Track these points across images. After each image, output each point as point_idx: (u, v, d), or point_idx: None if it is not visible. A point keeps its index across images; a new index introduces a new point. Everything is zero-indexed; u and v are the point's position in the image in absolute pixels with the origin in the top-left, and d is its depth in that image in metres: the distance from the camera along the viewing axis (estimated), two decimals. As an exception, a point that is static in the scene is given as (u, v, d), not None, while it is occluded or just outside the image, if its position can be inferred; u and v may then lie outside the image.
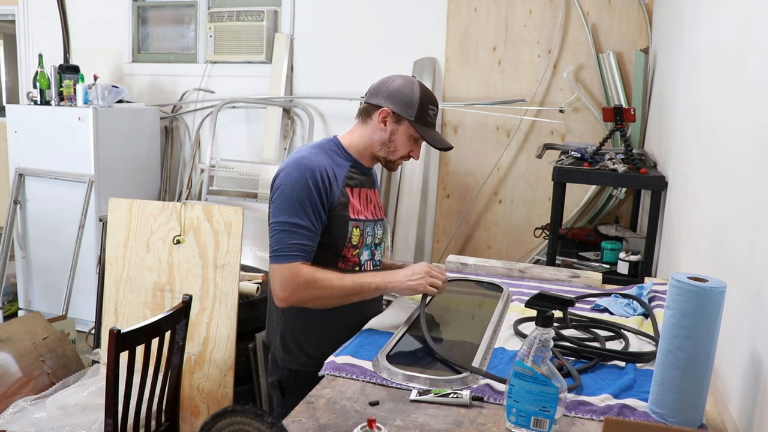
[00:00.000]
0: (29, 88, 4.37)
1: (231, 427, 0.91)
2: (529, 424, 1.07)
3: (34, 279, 4.14)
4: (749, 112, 1.29)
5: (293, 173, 1.54)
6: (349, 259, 1.64)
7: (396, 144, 1.64)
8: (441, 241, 3.97)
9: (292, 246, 1.52)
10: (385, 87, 1.63)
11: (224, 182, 4.04)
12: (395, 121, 1.62)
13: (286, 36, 4.13)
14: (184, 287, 2.50)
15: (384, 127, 1.62)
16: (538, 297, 1.40)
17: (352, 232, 1.62)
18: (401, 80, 1.63)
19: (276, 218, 1.54)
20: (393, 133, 1.63)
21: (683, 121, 2.16)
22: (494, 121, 3.77)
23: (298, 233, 1.52)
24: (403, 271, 1.60)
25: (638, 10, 3.45)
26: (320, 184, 1.54)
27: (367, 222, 1.67)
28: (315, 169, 1.55)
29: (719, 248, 1.47)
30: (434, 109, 1.64)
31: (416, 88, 1.61)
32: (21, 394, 2.55)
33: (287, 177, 1.55)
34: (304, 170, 1.54)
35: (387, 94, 1.62)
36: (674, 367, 1.09)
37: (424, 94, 1.62)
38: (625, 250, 2.61)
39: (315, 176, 1.54)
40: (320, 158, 1.59)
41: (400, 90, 1.61)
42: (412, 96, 1.60)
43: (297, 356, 1.66)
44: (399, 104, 1.60)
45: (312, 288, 1.52)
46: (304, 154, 1.59)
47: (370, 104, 1.65)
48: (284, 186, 1.54)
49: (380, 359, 1.33)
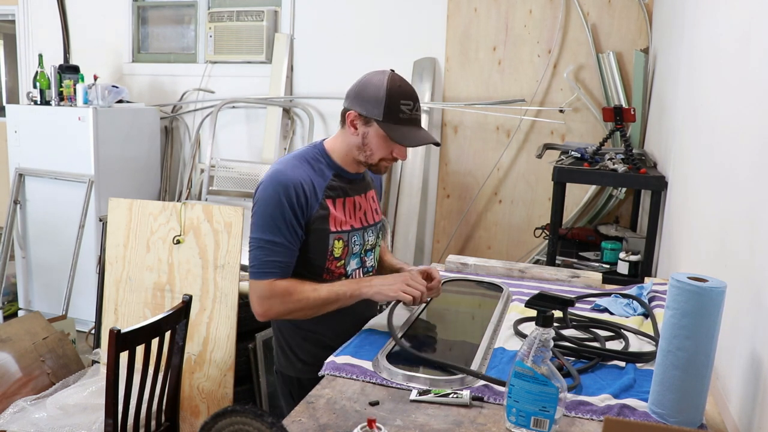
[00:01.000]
0: (29, 88, 4.37)
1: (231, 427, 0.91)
2: (529, 424, 1.07)
3: (34, 279, 4.14)
4: (749, 112, 1.29)
5: (268, 188, 1.51)
6: (333, 271, 1.60)
7: (371, 146, 1.55)
8: (441, 241, 3.97)
9: (268, 263, 1.50)
10: (356, 87, 1.55)
11: (224, 182, 4.04)
12: (364, 123, 1.53)
13: (286, 36, 4.13)
14: (184, 287, 2.50)
15: (355, 131, 1.54)
16: (538, 297, 1.40)
17: (333, 245, 1.57)
18: (370, 77, 1.53)
19: (253, 234, 1.52)
20: (365, 136, 1.54)
21: (683, 121, 2.16)
22: (494, 121, 3.77)
23: (273, 250, 1.50)
24: (379, 278, 1.56)
25: (638, 10, 3.45)
26: (294, 200, 1.50)
27: (352, 231, 1.61)
28: (290, 184, 1.50)
29: (719, 248, 1.47)
30: (409, 104, 1.51)
31: (384, 85, 1.49)
32: (21, 394, 2.55)
33: (263, 192, 1.52)
34: (278, 186, 1.50)
35: (354, 95, 1.54)
36: (674, 367, 1.09)
37: (393, 90, 1.49)
38: (625, 250, 2.61)
39: (289, 192, 1.49)
40: (297, 171, 1.53)
41: (365, 89, 1.51)
42: (377, 94, 1.49)
43: (293, 362, 1.66)
44: (364, 105, 1.51)
45: (287, 302, 1.51)
46: (282, 168, 1.54)
47: (343, 107, 1.57)
48: (260, 202, 1.52)
49: (380, 359, 1.33)
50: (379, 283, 1.54)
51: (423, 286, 1.54)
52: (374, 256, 1.73)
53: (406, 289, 1.51)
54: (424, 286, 1.54)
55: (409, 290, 1.51)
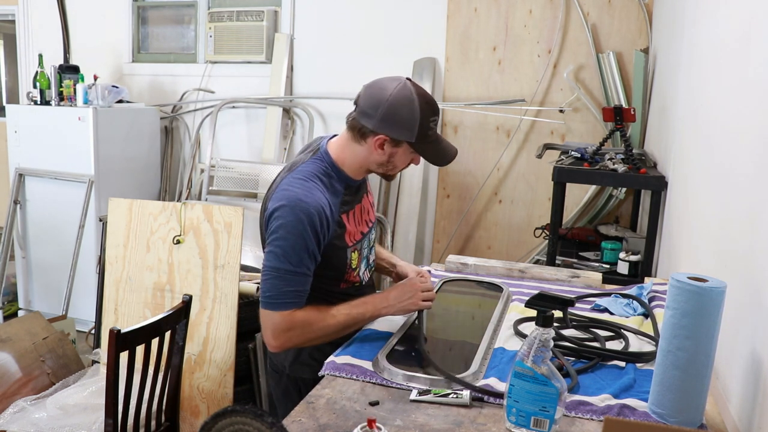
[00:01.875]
0: (29, 88, 4.37)
1: (231, 427, 0.91)
2: (529, 424, 1.07)
3: (34, 279, 4.14)
4: (749, 112, 1.29)
5: (290, 217, 1.41)
6: (350, 280, 1.60)
7: (395, 163, 1.53)
8: (441, 241, 3.97)
9: (287, 293, 1.43)
10: (379, 107, 1.43)
11: (224, 182, 4.04)
12: (394, 145, 1.47)
13: (286, 36, 4.13)
14: (184, 287, 2.50)
15: (382, 152, 1.49)
16: (538, 297, 1.40)
17: (351, 258, 1.57)
18: (396, 95, 1.43)
19: (271, 263, 1.44)
20: (392, 155, 1.50)
21: (683, 121, 2.16)
22: (494, 121, 3.77)
23: (294, 280, 1.43)
24: (394, 293, 1.52)
25: (638, 10, 3.45)
26: (318, 228, 1.43)
27: (362, 239, 1.62)
28: (313, 213, 1.42)
29: (719, 248, 1.47)
30: (435, 119, 1.48)
31: (416, 106, 1.43)
32: (21, 394, 2.55)
33: (284, 220, 1.42)
34: (302, 215, 1.41)
35: (382, 117, 1.43)
36: (674, 367, 1.09)
37: (425, 109, 1.44)
38: (625, 250, 2.61)
39: (313, 221, 1.42)
40: (317, 195, 1.45)
41: (396, 112, 1.43)
42: (411, 117, 1.43)
43: (311, 365, 1.56)
44: (397, 129, 1.44)
45: (307, 333, 1.46)
46: (299, 193, 1.43)
47: (363, 125, 1.47)
48: (281, 230, 1.42)
49: (380, 359, 1.34)
50: (397, 301, 1.51)
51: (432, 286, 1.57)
52: (373, 251, 1.74)
53: (423, 296, 1.52)
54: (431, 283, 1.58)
55: (427, 295, 1.53)
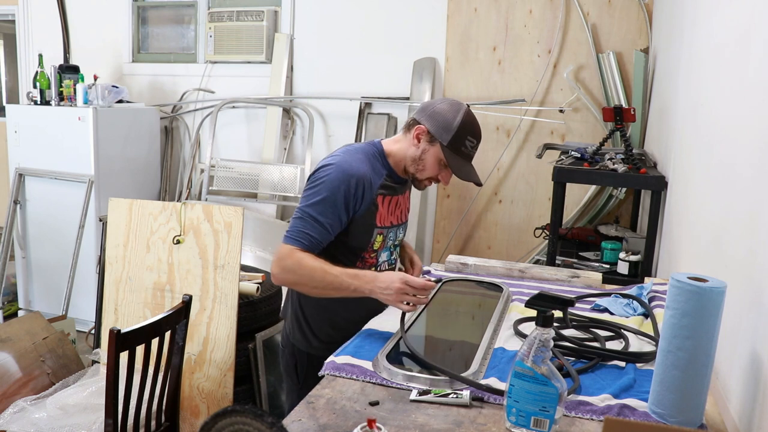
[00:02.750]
0: (29, 88, 4.37)
1: (231, 427, 0.91)
2: (529, 424, 1.07)
3: (34, 279, 4.14)
4: (749, 112, 1.29)
5: (334, 175, 1.58)
6: (367, 260, 1.70)
7: (425, 164, 1.65)
8: (441, 241, 3.97)
9: (301, 233, 1.57)
10: (432, 106, 1.64)
11: (224, 182, 4.04)
12: (429, 140, 1.63)
13: (286, 36, 4.13)
14: (184, 287, 2.50)
15: (417, 143, 1.64)
16: (538, 297, 1.40)
17: (375, 238, 1.68)
18: (449, 104, 1.64)
19: (301, 204, 1.61)
20: (424, 152, 1.64)
21: (683, 121, 2.16)
22: (494, 121, 3.77)
23: (311, 225, 1.57)
24: (382, 279, 1.53)
25: (638, 10, 3.45)
26: (353, 192, 1.59)
27: (391, 228, 1.73)
28: (354, 178, 1.58)
29: (719, 248, 1.47)
30: (473, 141, 1.63)
31: (460, 116, 1.61)
32: (21, 394, 2.55)
33: (327, 176, 1.59)
34: (345, 177, 1.58)
35: (430, 112, 1.63)
36: (674, 367, 1.09)
37: (466, 123, 1.61)
38: (625, 250, 2.61)
39: (350, 185, 1.58)
40: (363, 166, 1.62)
41: (442, 112, 1.62)
42: (452, 121, 1.60)
43: (309, 339, 1.73)
44: (436, 125, 1.61)
45: (295, 272, 1.56)
46: (349, 159, 1.62)
47: (413, 118, 1.66)
48: (321, 183, 1.59)
49: (380, 359, 1.34)
50: (380, 288, 1.52)
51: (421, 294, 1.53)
52: (398, 250, 1.83)
53: (402, 298, 1.51)
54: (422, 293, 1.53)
55: (407, 298, 1.51)
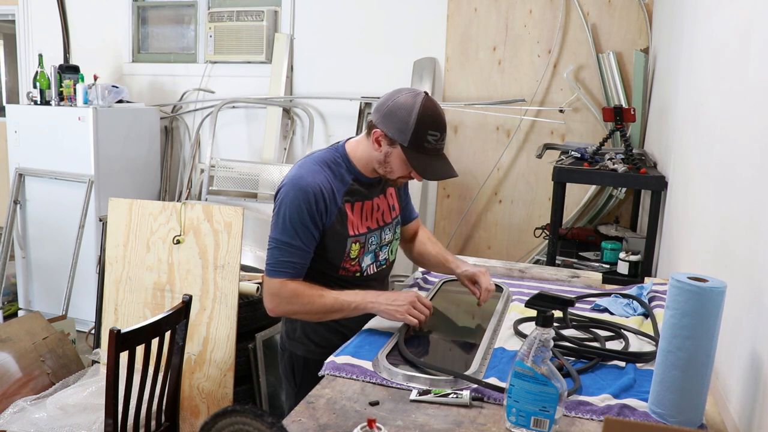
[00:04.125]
0: (29, 88, 4.37)
1: (231, 427, 0.91)
2: (529, 424, 1.07)
3: (34, 279, 4.14)
4: (749, 112, 1.29)
5: (290, 193, 1.55)
6: (348, 268, 1.66)
7: (392, 166, 1.57)
8: (441, 241, 3.96)
9: (283, 263, 1.56)
10: (386, 104, 1.53)
11: (224, 182, 4.04)
12: (389, 143, 1.54)
13: (286, 36, 4.13)
14: (184, 287, 2.50)
15: (378, 147, 1.56)
16: (538, 297, 1.40)
17: (350, 248, 1.63)
18: (404, 99, 1.51)
19: (272, 234, 1.58)
20: (387, 155, 1.55)
21: (683, 121, 2.16)
22: (494, 121, 3.77)
23: (289, 251, 1.55)
24: (386, 295, 1.56)
25: (638, 10, 3.45)
26: (314, 206, 1.54)
27: (369, 233, 1.67)
28: (310, 190, 1.53)
29: (719, 248, 1.47)
30: (436, 135, 1.51)
31: (415, 111, 1.49)
32: (21, 394, 2.55)
33: (285, 196, 1.56)
34: (299, 192, 1.53)
35: (384, 112, 1.52)
36: (674, 367, 1.09)
37: (423, 118, 1.49)
38: (625, 250, 2.61)
39: (309, 198, 1.53)
40: (318, 177, 1.56)
41: (397, 111, 1.50)
42: (407, 119, 1.49)
43: (304, 343, 1.71)
44: (392, 127, 1.51)
45: (294, 303, 1.57)
46: (303, 173, 1.56)
47: (370, 120, 1.58)
48: (281, 205, 1.56)
49: (380, 359, 1.34)
50: (386, 303, 1.53)
51: (428, 311, 1.54)
52: (390, 249, 1.78)
53: (412, 312, 1.51)
54: (429, 310, 1.54)
55: (415, 314, 1.51)
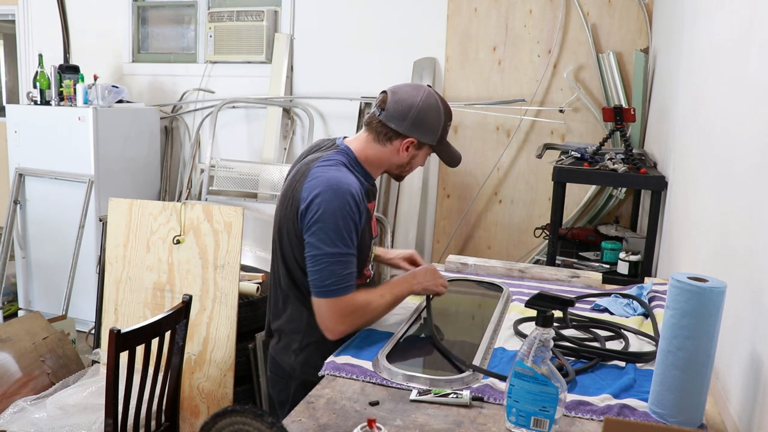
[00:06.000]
0: (29, 88, 4.37)
1: (231, 427, 0.91)
2: (529, 424, 1.07)
3: (34, 279, 4.14)
4: (749, 112, 1.29)
5: (333, 199, 1.43)
6: (365, 274, 1.63)
7: (413, 164, 1.63)
8: (441, 241, 3.97)
9: (347, 276, 1.45)
10: (409, 112, 1.51)
11: (224, 182, 4.04)
12: (417, 147, 1.57)
13: (286, 36, 4.13)
14: (184, 287, 2.50)
15: (406, 154, 1.57)
16: (538, 297, 1.40)
17: (372, 248, 1.65)
18: (425, 101, 1.52)
19: (324, 249, 1.43)
20: (413, 157, 1.60)
21: (683, 121, 2.16)
22: (494, 121, 3.77)
23: (350, 262, 1.46)
24: (421, 273, 1.64)
25: (638, 10, 3.45)
26: (358, 207, 1.47)
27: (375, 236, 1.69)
28: (352, 192, 1.45)
29: (719, 248, 1.47)
30: (449, 123, 1.61)
31: (441, 111, 1.55)
32: (21, 394, 2.55)
33: (327, 204, 1.43)
34: (344, 195, 1.44)
35: (413, 121, 1.52)
36: (674, 367, 1.09)
37: (447, 114, 1.57)
38: (625, 250, 2.61)
39: (354, 200, 1.45)
40: (352, 178, 1.50)
41: (425, 117, 1.53)
42: (438, 121, 1.55)
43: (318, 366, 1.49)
44: (425, 133, 1.55)
45: (364, 314, 1.50)
46: (338, 176, 1.48)
47: (390, 129, 1.53)
48: (326, 213, 1.43)
49: (380, 359, 1.34)
50: (424, 280, 1.62)
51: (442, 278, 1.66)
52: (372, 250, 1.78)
53: (443, 282, 1.65)
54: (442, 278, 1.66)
55: (443, 282, 1.66)
